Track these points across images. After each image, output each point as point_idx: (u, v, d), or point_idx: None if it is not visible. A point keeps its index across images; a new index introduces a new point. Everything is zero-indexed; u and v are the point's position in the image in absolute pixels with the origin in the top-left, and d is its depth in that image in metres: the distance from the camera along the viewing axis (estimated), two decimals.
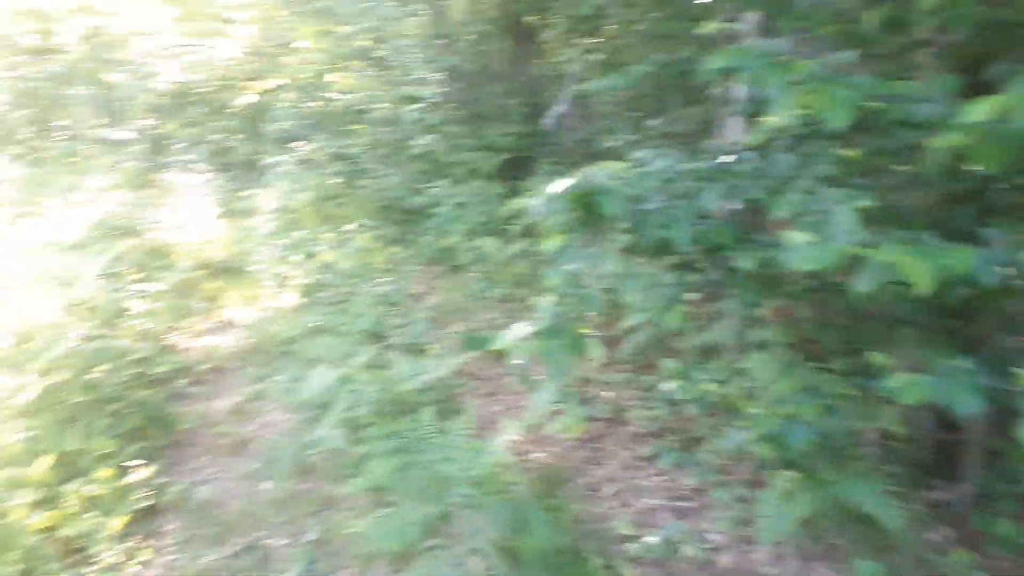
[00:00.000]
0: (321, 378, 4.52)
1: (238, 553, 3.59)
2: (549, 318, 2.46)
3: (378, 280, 6.36)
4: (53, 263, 5.18)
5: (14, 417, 4.09)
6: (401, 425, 3.55)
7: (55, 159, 8.72)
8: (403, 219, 8.40)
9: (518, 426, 3.05)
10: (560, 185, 2.55)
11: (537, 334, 2.49)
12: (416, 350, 5.12)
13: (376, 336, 5.46)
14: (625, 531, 3.34)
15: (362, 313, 5.58)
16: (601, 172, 2.59)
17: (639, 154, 2.84)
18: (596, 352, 2.59)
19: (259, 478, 4.15)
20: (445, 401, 4.52)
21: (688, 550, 3.17)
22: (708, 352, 3.95)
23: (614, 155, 3.36)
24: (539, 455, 3.98)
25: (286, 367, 5.22)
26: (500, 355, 5.19)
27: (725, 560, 3.20)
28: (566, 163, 7.84)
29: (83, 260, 5.33)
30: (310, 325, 5.70)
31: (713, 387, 2.98)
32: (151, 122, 11.95)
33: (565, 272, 2.51)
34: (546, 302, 2.50)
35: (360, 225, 7.91)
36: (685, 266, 2.94)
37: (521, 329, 2.57)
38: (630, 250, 2.68)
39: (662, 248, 2.60)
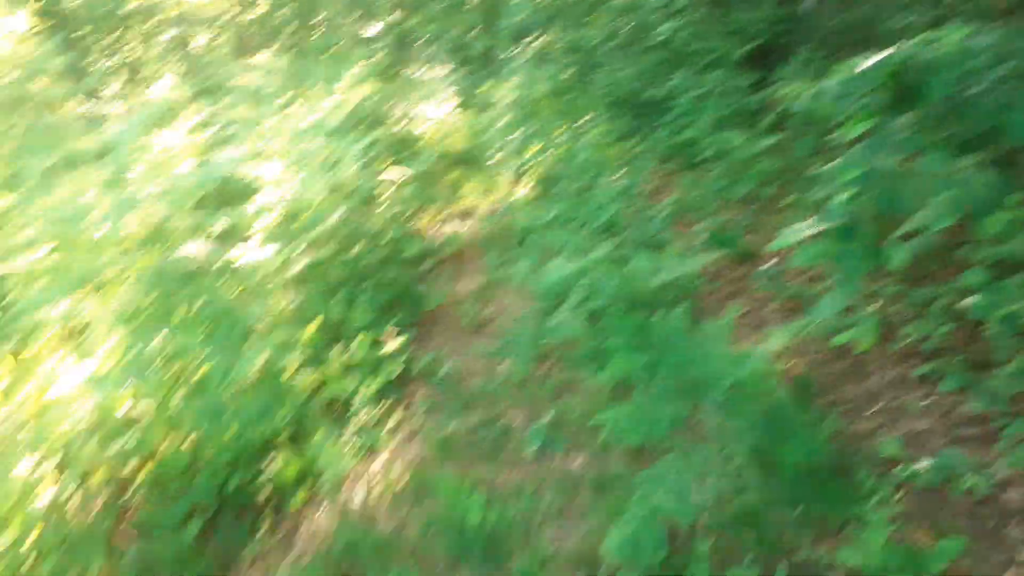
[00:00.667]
0: (559, 269, 4.49)
1: (478, 426, 3.75)
2: (842, 217, 2.13)
3: (613, 175, 6.17)
4: (316, 147, 5.55)
5: (285, 286, 4.51)
6: (646, 321, 3.43)
7: (313, 51, 9.31)
8: (639, 112, 8.07)
9: (785, 333, 2.78)
10: (869, 61, 2.16)
11: (826, 235, 2.18)
12: (655, 246, 4.93)
13: (613, 230, 5.33)
14: (891, 453, 3.02)
15: (599, 206, 5.45)
16: (922, 47, 2.15)
17: (956, 31, 2.34)
18: (898, 259, 2.24)
19: (499, 358, 4.28)
20: (687, 301, 4.32)
21: (968, 481, 2.80)
22: (1010, 264, 3.37)
23: (900, 38, 2.84)
24: (795, 364, 3.70)
25: (524, 256, 5.29)
26: (744, 256, 4.92)
27: (1013, 497, 2.80)
28: (828, 50, 7.00)
29: (341, 146, 5.66)
30: (547, 216, 5.70)
31: None
32: (397, 17, 12.41)
33: (865, 164, 2.14)
34: (838, 199, 2.16)
35: (594, 118, 7.71)
36: (1008, 162, 2.45)
37: (802, 228, 2.27)
38: (946, 140, 2.24)
39: (989, 138, 2.16)
